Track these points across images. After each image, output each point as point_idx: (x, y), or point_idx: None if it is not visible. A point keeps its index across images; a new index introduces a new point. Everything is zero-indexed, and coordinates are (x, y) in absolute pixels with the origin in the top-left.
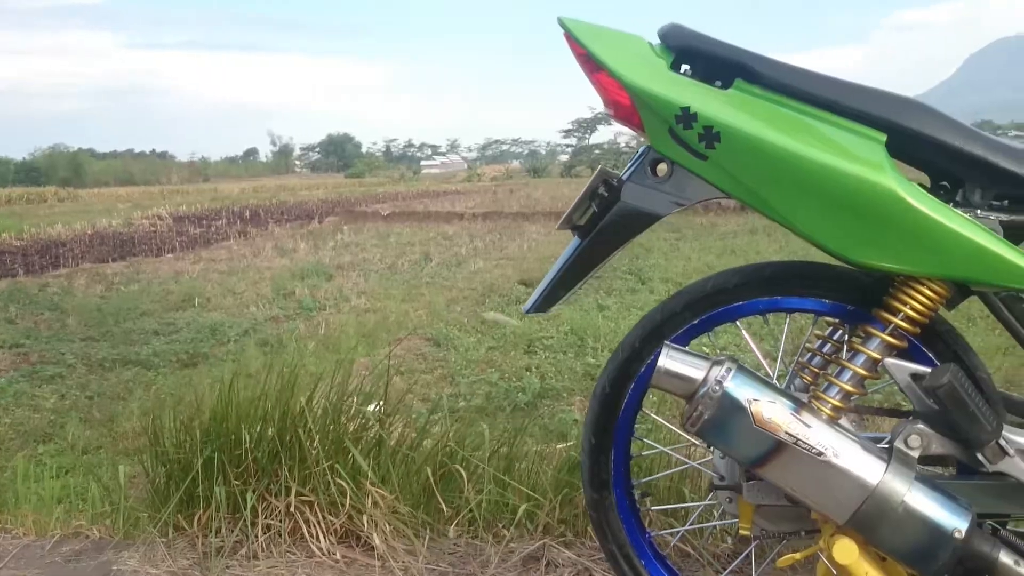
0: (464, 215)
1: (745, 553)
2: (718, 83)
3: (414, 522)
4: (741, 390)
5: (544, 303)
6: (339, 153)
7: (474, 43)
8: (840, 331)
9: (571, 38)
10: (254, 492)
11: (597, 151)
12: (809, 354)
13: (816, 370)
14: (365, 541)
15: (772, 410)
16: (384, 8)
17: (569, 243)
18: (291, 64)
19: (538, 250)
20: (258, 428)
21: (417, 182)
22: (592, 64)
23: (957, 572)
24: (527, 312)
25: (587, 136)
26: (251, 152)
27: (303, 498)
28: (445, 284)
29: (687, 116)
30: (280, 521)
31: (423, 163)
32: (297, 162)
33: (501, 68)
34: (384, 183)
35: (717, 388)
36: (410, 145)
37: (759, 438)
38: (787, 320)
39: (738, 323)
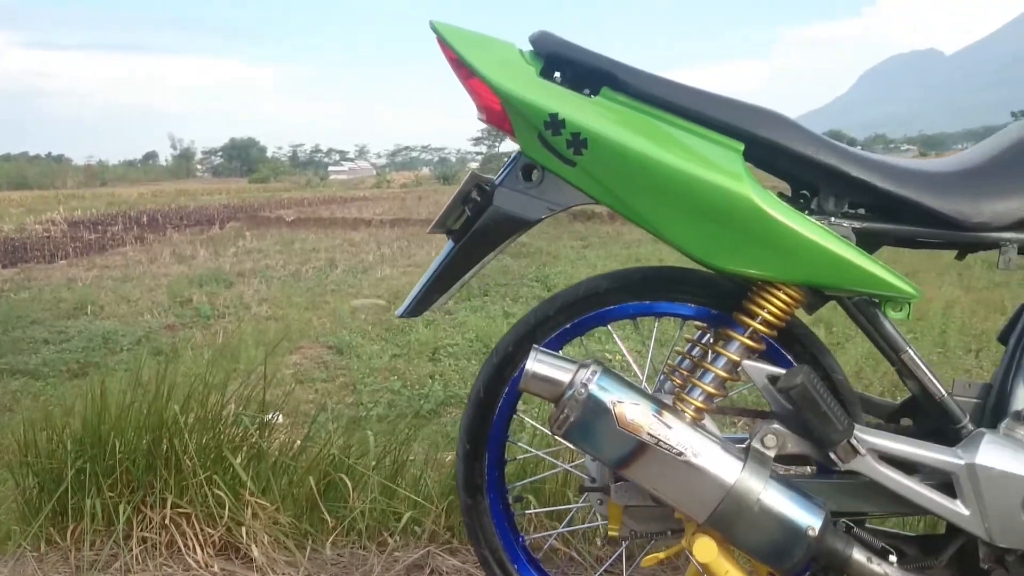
0: (372, 221)
1: (617, 554)
2: (587, 91)
3: (296, 533)
4: (605, 392)
5: (418, 307)
6: (243, 158)
7: (386, 49)
8: (707, 335)
9: (443, 43)
10: (128, 504)
11: (507, 158)
12: (679, 357)
13: (686, 373)
14: (245, 553)
15: (635, 412)
16: (292, 11)
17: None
18: (194, 67)
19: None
20: (131, 437)
21: (324, 188)
22: (465, 69)
23: (815, 569)
24: (401, 316)
25: (497, 144)
26: (151, 156)
27: (180, 510)
28: (350, 291)
29: (555, 122)
30: (156, 534)
31: (331, 169)
32: (199, 166)
33: (412, 75)
34: (290, 189)
35: (582, 391)
36: (317, 150)
37: (622, 439)
38: (656, 324)
39: (609, 327)
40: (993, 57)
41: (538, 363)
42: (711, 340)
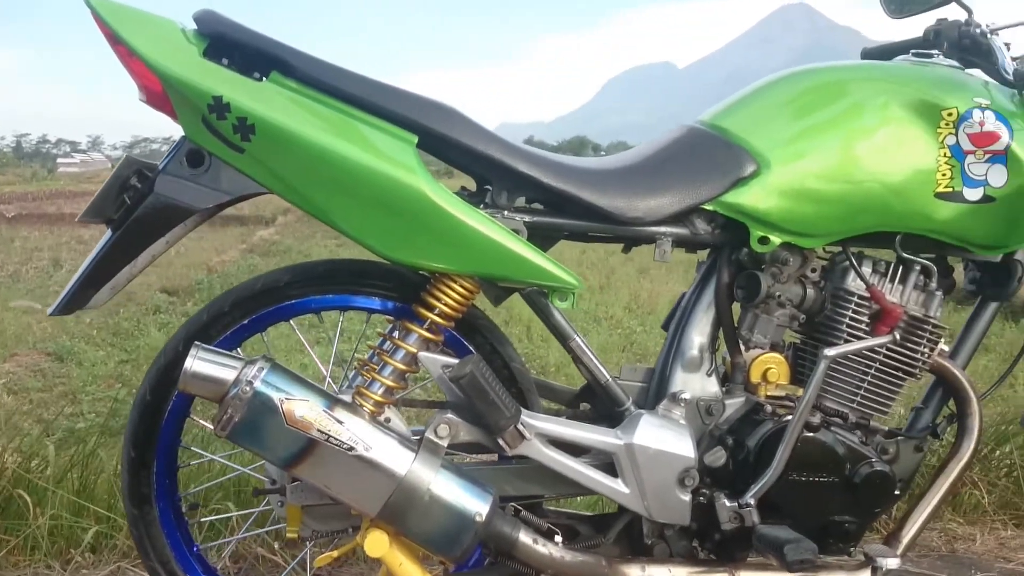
0: None
1: (301, 555)
2: (256, 75)
3: None
4: (273, 390)
5: (71, 304)
6: None
7: None
8: (395, 328)
9: (99, 19)
10: None
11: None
12: (370, 352)
13: (375, 367)
14: None
15: (304, 408)
16: None
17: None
18: None
19: (188, 256)
20: None
21: (52, 181)
22: (123, 47)
23: (491, 555)
24: (52, 314)
25: None
26: None
27: None
28: None
29: (220, 106)
30: None
31: (60, 161)
32: None
33: None
34: (13, 182)
35: (247, 389)
36: (45, 141)
37: (292, 437)
38: (341, 318)
39: (291, 322)
40: (720, 70)
41: (199, 361)
42: (392, 333)
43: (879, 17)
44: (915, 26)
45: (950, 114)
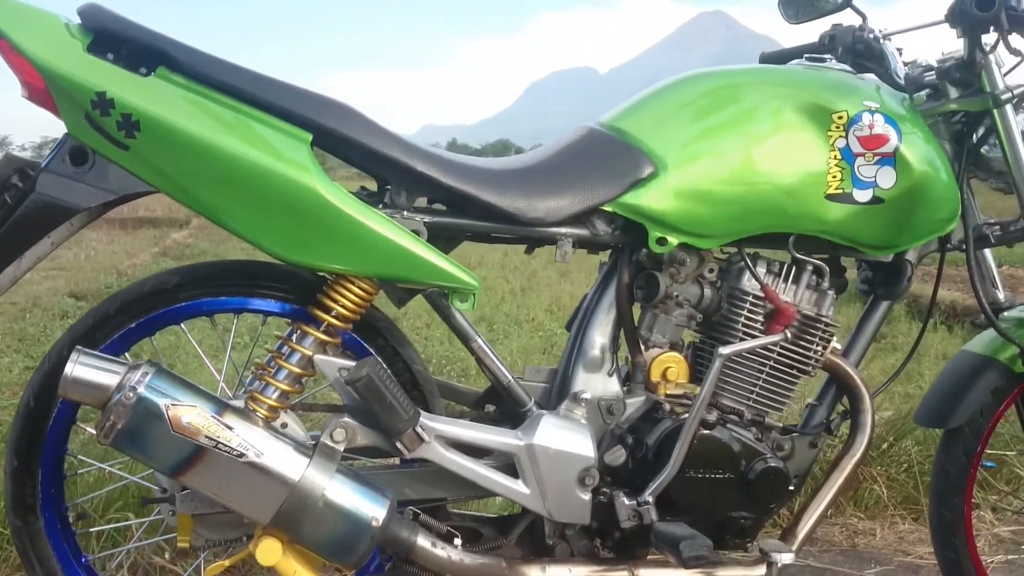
0: None
1: (195, 565)
2: (143, 70)
3: None
4: (158, 395)
5: None
6: None
7: None
8: (294, 331)
9: None
10: None
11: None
12: (268, 356)
13: (270, 371)
14: None
15: (192, 414)
16: None
17: None
18: None
19: (98, 259)
20: None
21: None
22: (5, 42)
23: (393, 561)
24: None
25: None
26: None
27: None
28: None
29: (103, 102)
30: None
31: None
32: None
33: None
34: None
35: (131, 395)
36: None
37: (178, 444)
38: (235, 321)
39: (182, 326)
40: (640, 75)
41: (79, 366)
42: (289, 336)
43: (802, 26)
44: (818, 32)
45: (840, 117)
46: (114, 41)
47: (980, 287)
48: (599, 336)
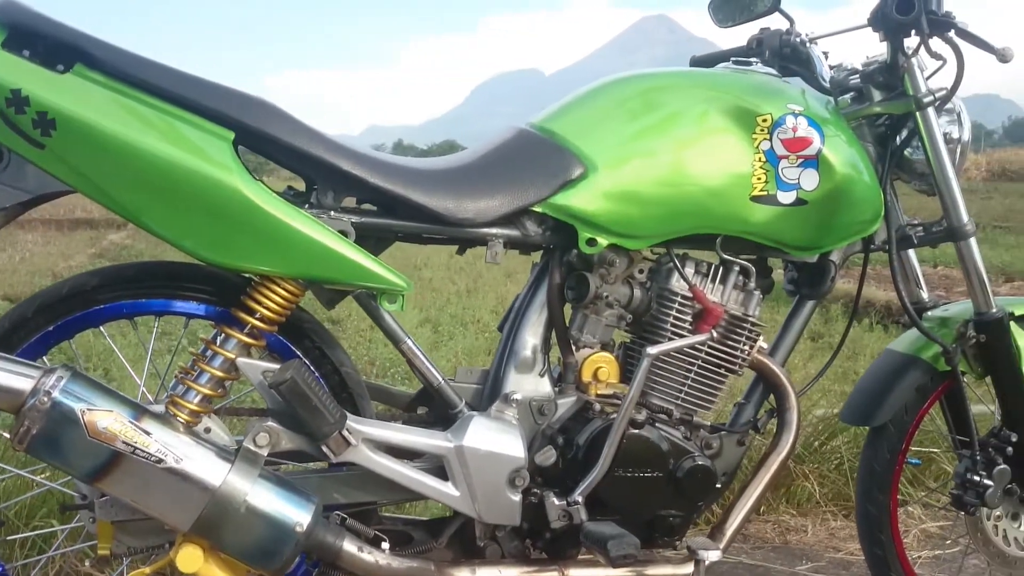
0: None
1: (118, 572)
2: (60, 67)
3: None
4: (73, 400)
5: None
6: None
7: None
8: (216, 334)
9: None
10: None
11: None
12: (192, 359)
13: (193, 374)
14: None
15: (108, 419)
16: None
17: None
18: None
19: (33, 261)
20: None
21: None
22: None
23: (321, 567)
24: None
25: None
26: None
27: None
28: None
29: (18, 99)
30: None
31: None
32: None
33: None
34: None
35: (45, 399)
36: None
37: (95, 450)
38: (156, 324)
39: (102, 328)
40: (584, 77)
41: None
42: (212, 339)
43: (734, 29)
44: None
45: (764, 120)
46: (30, 37)
47: (903, 287)
48: (531, 337)
